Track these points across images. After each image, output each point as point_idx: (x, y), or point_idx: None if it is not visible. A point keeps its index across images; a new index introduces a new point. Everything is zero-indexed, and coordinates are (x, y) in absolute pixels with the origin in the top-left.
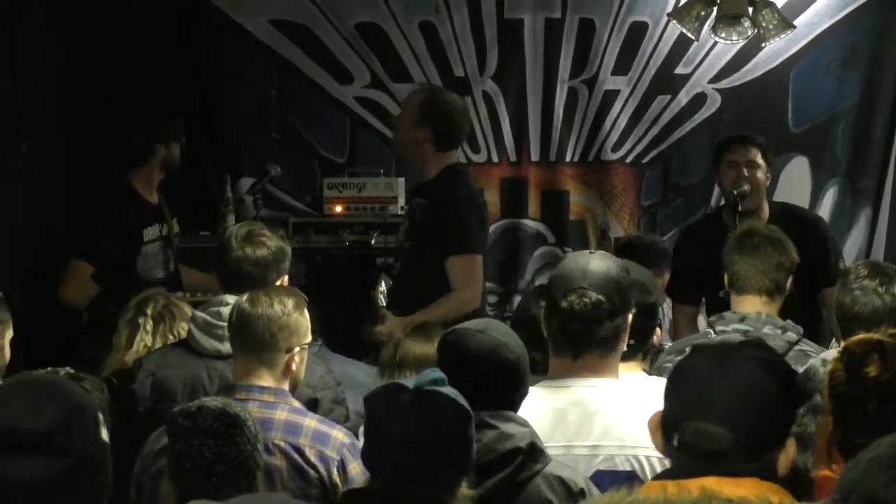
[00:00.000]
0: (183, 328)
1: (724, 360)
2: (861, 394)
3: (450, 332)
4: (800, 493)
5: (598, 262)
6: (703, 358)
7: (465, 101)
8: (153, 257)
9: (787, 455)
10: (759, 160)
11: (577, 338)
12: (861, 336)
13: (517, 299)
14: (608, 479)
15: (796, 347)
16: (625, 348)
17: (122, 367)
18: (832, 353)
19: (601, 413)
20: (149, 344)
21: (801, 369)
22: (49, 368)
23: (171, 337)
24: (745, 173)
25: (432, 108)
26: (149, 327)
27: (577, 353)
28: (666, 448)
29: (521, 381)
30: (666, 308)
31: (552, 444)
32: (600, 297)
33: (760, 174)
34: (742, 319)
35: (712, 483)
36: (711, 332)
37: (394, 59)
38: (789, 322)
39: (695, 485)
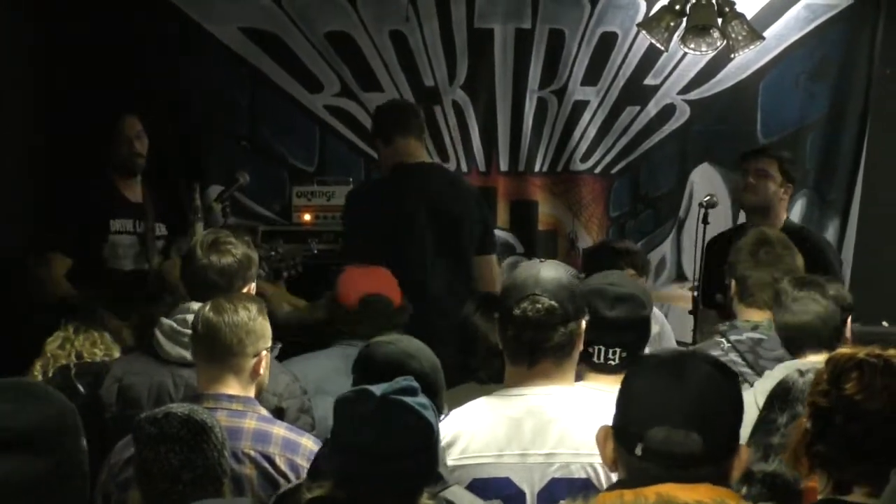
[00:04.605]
0: (99, 352)
1: (684, 367)
2: (832, 407)
3: (366, 344)
4: None
5: (549, 270)
6: (658, 366)
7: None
8: (122, 248)
9: (741, 461)
10: (772, 170)
11: (532, 345)
12: (847, 350)
13: None
14: (564, 486)
15: None
16: (614, 361)
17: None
18: (807, 362)
19: (556, 421)
20: (54, 352)
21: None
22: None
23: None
24: (753, 181)
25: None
26: (67, 333)
27: (533, 361)
28: (623, 458)
29: (430, 395)
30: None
31: (507, 453)
32: (553, 302)
33: (772, 185)
34: (755, 328)
35: (668, 489)
36: (724, 341)
37: (364, 68)
38: None
39: (651, 491)
